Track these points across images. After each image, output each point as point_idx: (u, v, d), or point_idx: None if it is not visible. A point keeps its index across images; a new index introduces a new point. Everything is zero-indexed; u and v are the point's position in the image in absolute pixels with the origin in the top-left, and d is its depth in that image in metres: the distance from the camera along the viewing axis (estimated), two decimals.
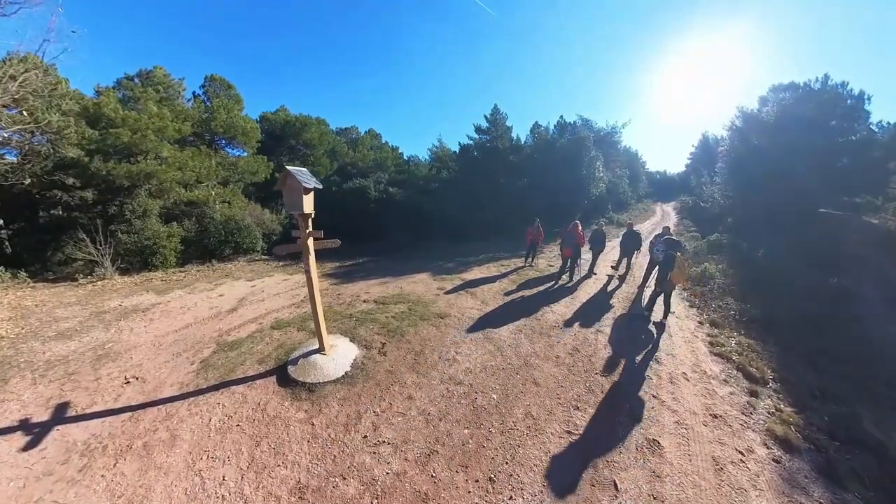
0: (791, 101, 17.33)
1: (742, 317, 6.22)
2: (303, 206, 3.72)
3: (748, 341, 5.34)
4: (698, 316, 6.42)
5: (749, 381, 4.34)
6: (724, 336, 5.56)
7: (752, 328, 5.79)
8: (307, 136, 18.64)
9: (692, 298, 7.32)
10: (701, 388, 4.19)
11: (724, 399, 3.99)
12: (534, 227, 9.46)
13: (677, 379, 4.34)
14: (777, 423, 3.60)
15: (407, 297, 7.35)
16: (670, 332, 5.67)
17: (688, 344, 5.27)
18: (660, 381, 4.30)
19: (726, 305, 6.80)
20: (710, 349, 5.12)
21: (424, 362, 4.49)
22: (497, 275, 8.93)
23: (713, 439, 3.36)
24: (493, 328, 5.69)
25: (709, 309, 6.69)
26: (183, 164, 14.36)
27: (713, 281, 8.08)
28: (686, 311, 6.69)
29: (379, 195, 15.45)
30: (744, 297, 7.10)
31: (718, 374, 4.48)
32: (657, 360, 4.79)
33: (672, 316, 6.23)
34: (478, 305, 6.74)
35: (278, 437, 3.16)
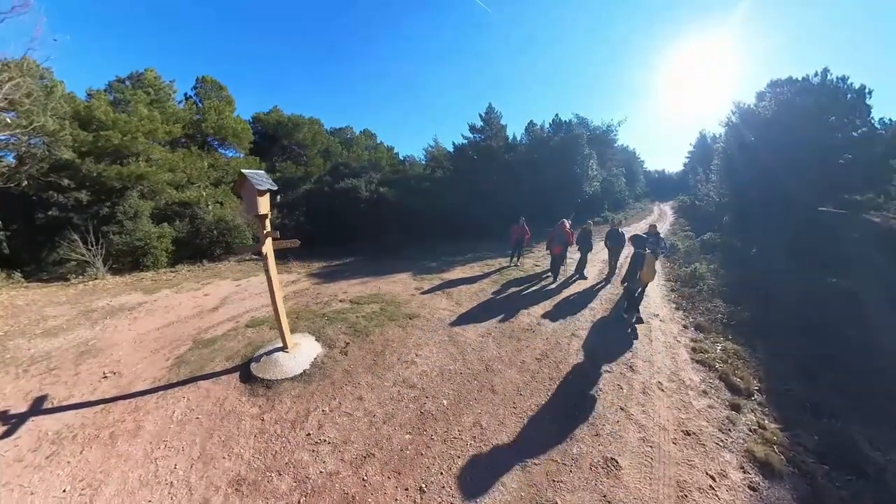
0: (789, 95, 16.83)
1: (731, 320, 5.77)
2: (258, 207, 3.77)
3: (735, 347, 4.91)
4: (684, 319, 5.96)
5: (732, 393, 3.92)
6: (710, 341, 5.13)
7: (741, 333, 5.35)
8: (299, 136, 18.50)
9: (679, 300, 6.86)
10: (676, 400, 3.79)
11: (700, 413, 3.58)
12: (519, 226, 9.15)
13: (651, 389, 3.95)
14: (758, 442, 3.18)
15: (382, 297, 7.21)
16: (651, 336, 5.26)
17: (668, 350, 4.87)
18: (631, 391, 3.91)
19: (715, 308, 6.34)
20: (692, 356, 4.71)
21: (382, 363, 4.43)
22: (479, 275, 8.60)
23: (682, 460, 2.98)
24: (461, 330, 5.43)
25: (696, 311, 6.25)
26: (174, 166, 14.29)
27: (703, 282, 7.63)
28: (671, 313, 6.25)
29: (370, 195, 15.25)
30: (735, 299, 6.67)
31: (698, 385, 4.05)
32: (632, 367, 4.40)
33: (655, 319, 5.85)
34: (451, 306, 6.47)
35: (230, 430, 3.26)
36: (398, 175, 19.62)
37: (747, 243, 12.04)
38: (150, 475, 2.79)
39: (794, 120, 16.25)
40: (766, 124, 16.82)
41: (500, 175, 19.39)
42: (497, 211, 18.35)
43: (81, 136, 12.79)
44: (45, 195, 13.42)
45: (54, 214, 13.45)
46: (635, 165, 35.14)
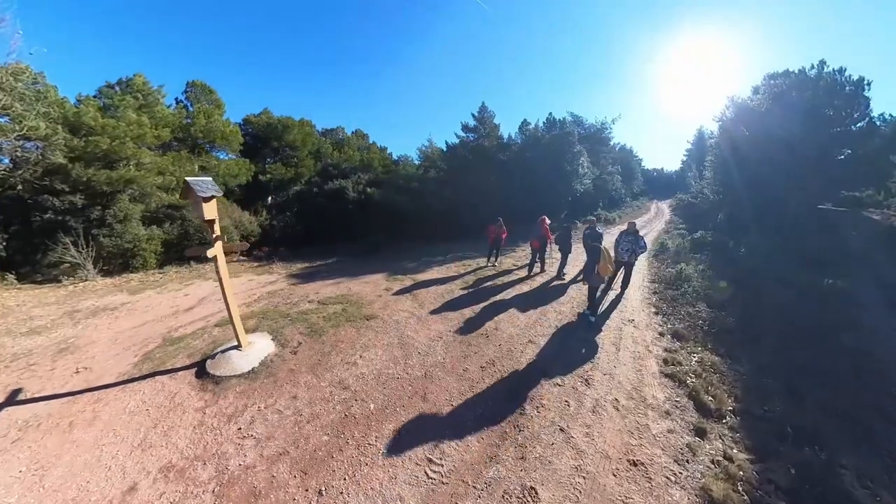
0: (784, 88, 16.41)
1: (713, 327, 5.22)
2: (204, 213, 3.96)
3: (713, 359, 4.38)
4: (661, 325, 5.42)
5: (700, 415, 3.40)
6: (686, 352, 4.59)
7: (723, 341, 4.83)
8: (289, 137, 18.53)
9: (660, 304, 6.30)
10: (631, 421, 3.29)
11: (656, 439, 3.07)
12: (496, 226, 8.83)
13: (603, 407, 3.46)
14: (719, 477, 2.66)
15: (349, 298, 7.17)
16: (619, 344, 4.75)
17: (636, 361, 4.35)
18: (579, 408, 3.44)
19: (697, 313, 5.81)
20: (661, 368, 4.19)
21: (326, 363, 4.47)
22: (453, 276, 8.27)
23: (617, 497, 2.50)
24: (413, 333, 5.20)
25: (676, 316, 5.71)
26: (164, 169, 14.44)
27: (688, 284, 7.10)
28: (649, 318, 5.71)
29: (357, 196, 15.27)
30: (721, 303, 6.15)
31: (661, 404, 3.54)
32: (588, 380, 3.90)
33: (629, 325, 5.35)
34: (413, 308, 6.22)
35: (173, 421, 3.46)
36: (389, 175, 19.69)
37: (740, 242, 11.79)
38: (94, 459, 3.02)
39: (790, 114, 15.74)
40: (761, 118, 16.36)
41: (492, 175, 19.23)
42: (488, 211, 18.25)
43: (74, 141, 13.07)
44: (40, 198, 13.78)
45: (50, 217, 13.79)
46: (632, 163, 34.66)
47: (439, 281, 7.89)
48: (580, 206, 19.03)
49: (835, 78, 16.08)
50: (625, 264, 6.62)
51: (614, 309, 6.08)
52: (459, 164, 19.62)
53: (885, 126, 16.66)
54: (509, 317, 5.76)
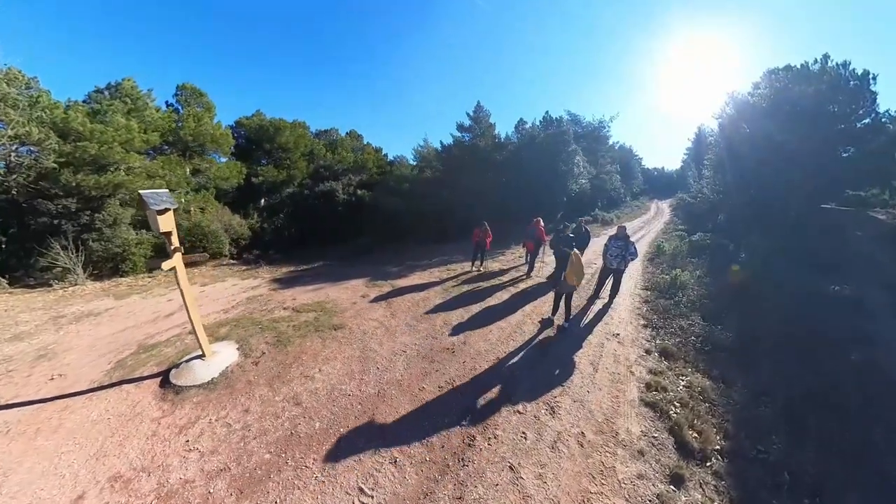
0: (786, 83, 15.93)
1: (707, 344, 4.70)
2: (159, 226, 3.98)
3: (704, 383, 3.89)
4: (649, 341, 4.92)
5: (679, 455, 2.91)
6: (673, 374, 4.08)
7: (718, 361, 4.34)
8: (282, 139, 18.40)
9: (650, 315, 5.78)
10: (595, 462, 2.83)
11: (622, 485, 2.63)
12: (481, 230, 8.48)
13: (565, 443, 3.02)
14: None
15: (324, 305, 7.06)
16: (598, 364, 4.28)
17: (614, 385, 3.87)
18: (537, 443, 3.01)
19: (690, 326, 5.30)
20: (642, 395, 3.69)
21: (285, 376, 4.37)
22: (434, 281, 7.97)
23: None
24: (378, 346, 4.96)
25: (667, 330, 5.21)
26: (154, 173, 14.47)
27: (683, 292, 6.61)
28: (636, 332, 5.20)
29: (348, 198, 15.15)
30: (717, 314, 5.65)
31: (635, 440, 3.07)
32: (554, 409, 3.45)
33: (613, 340, 4.89)
34: (385, 317, 5.98)
35: (130, 431, 3.48)
36: (383, 177, 19.58)
37: (740, 245, 11.41)
38: (52, 467, 3.06)
39: (791, 110, 15.20)
40: (762, 115, 15.84)
41: (488, 175, 18.95)
42: (483, 212, 18.02)
43: (62, 146, 13.14)
44: (35, 203, 13.90)
45: (45, 221, 13.92)
46: (632, 163, 34.10)
47: (419, 287, 7.72)
48: (577, 206, 18.71)
49: (839, 72, 15.44)
50: (613, 272, 6.15)
51: (599, 321, 5.62)
52: (454, 165, 19.35)
53: (890, 123, 16.12)
54: (482, 329, 5.38)
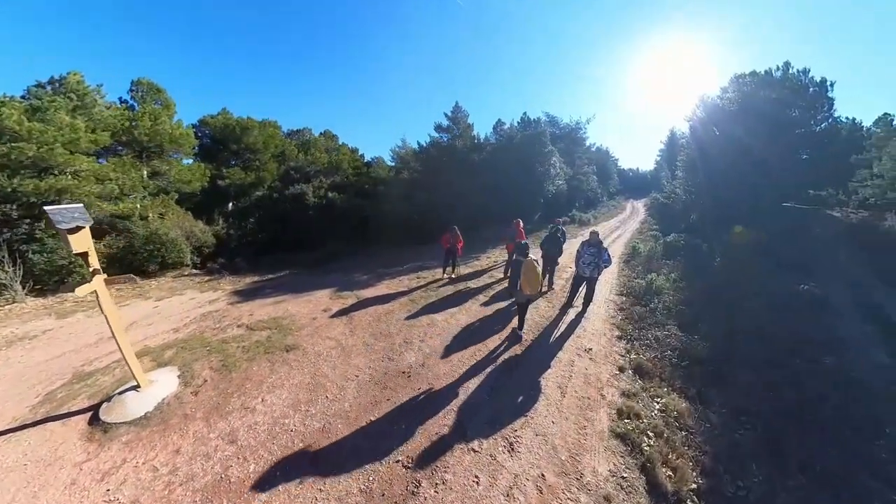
0: (752, 88, 16.42)
1: (683, 358, 4.37)
2: (71, 246, 3.63)
3: (681, 406, 3.53)
4: (623, 355, 4.55)
5: (651, 500, 2.55)
6: (648, 395, 3.71)
7: (695, 377, 4.02)
8: (249, 139, 17.33)
9: (625, 325, 5.43)
10: None
11: None
12: (451, 234, 7.97)
13: (521, 488, 2.62)
14: None
15: (282, 321, 6.46)
16: (567, 386, 3.85)
17: (583, 413, 3.44)
18: (490, 489, 2.61)
19: (667, 337, 4.97)
20: (613, 424, 3.29)
21: (225, 408, 3.91)
22: (403, 290, 7.45)
23: None
24: (330, 369, 4.49)
25: (642, 342, 4.86)
26: (103, 177, 13.33)
27: (659, 297, 6.32)
28: (610, 345, 4.82)
29: (318, 201, 14.39)
30: (694, 321, 5.37)
31: (602, 482, 2.68)
32: (513, 444, 3.03)
33: (585, 356, 4.46)
34: (342, 335, 5.46)
35: (47, 479, 3.12)
36: (358, 178, 18.91)
37: (713, 245, 11.47)
38: None
39: (757, 114, 15.69)
40: (730, 118, 16.25)
41: (465, 176, 18.56)
42: (462, 213, 17.69)
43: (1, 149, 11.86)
44: None
45: None
46: (608, 164, 34.80)
47: (384, 298, 7.20)
48: (554, 207, 18.61)
49: (799, 79, 16.14)
50: (587, 280, 5.77)
51: (572, 333, 5.22)
52: (432, 166, 18.93)
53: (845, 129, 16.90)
54: (444, 348, 4.89)
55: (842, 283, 10.02)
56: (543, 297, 6.58)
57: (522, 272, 4.46)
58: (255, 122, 17.83)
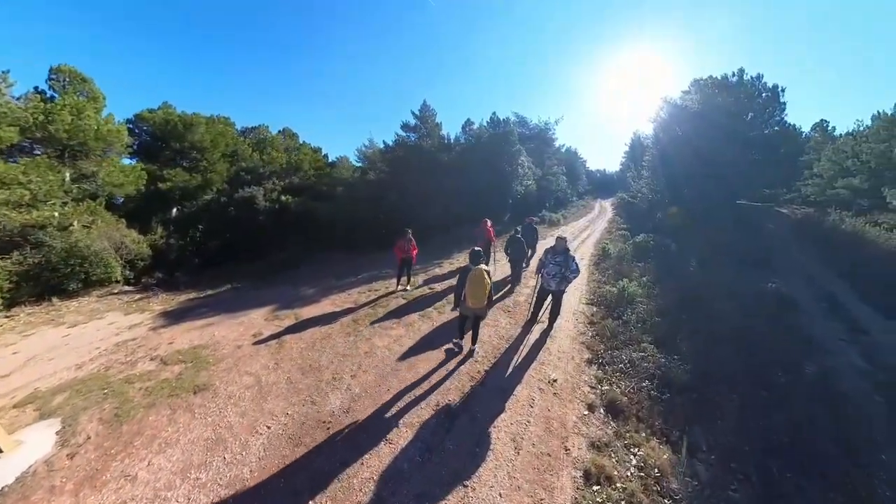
0: (711, 91, 16.74)
1: (663, 388, 3.68)
2: None
3: (662, 459, 2.82)
4: (595, 386, 3.81)
5: None
6: (623, 446, 2.97)
7: (677, 411, 3.37)
8: (195, 137, 15.47)
9: (595, 344, 4.73)
10: None
11: None
12: (404, 240, 7.06)
13: None
14: None
15: (202, 351, 5.35)
16: (522, 439, 3.04)
17: (542, 478, 2.67)
18: None
19: (643, 360, 4.22)
20: (579, 495, 2.54)
21: (101, 478, 3.09)
22: (350, 307, 6.49)
23: None
24: (239, 417, 3.64)
25: (615, 368, 4.13)
26: (10, 181, 11.38)
27: (632, 307, 5.70)
28: (578, 372, 4.07)
29: (270, 205, 13.07)
30: (672, 337, 4.77)
31: None
32: None
33: (548, 390, 3.66)
34: (265, 369, 4.52)
35: None
36: (320, 179, 17.59)
37: (681, 243, 11.27)
38: None
39: (715, 116, 16.11)
40: (691, 119, 16.49)
41: (434, 177, 17.72)
42: (431, 214, 16.85)
43: None
44: None
45: None
46: (577, 164, 35.33)
47: (326, 318, 6.16)
48: (524, 207, 18.13)
49: (753, 84, 16.72)
50: (552, 293, 4.95)
51: (535, 358, 4.40)
52: (399, 167, 18.00)
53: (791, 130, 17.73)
54: (378, 385, 3.97)
55: (800, 277, 10.13)
56: (506, 313, 5.80)
57: (467, 282, 3.76)
58: (201, 117, 16.05)
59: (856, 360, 5.14)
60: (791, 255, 13.10)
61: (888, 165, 17.96)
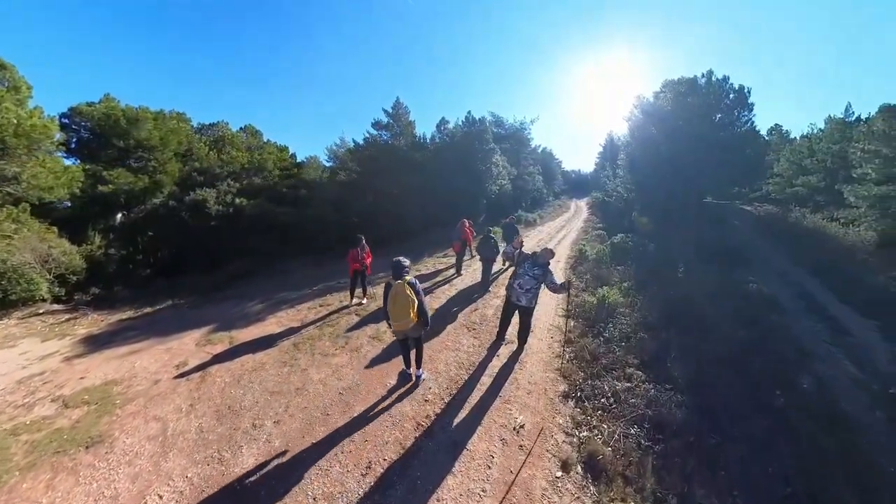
0: (681, 93, 16.77)
1: (655, 431, 2.99)
2: None
3: None
4: (571, 432, 3.07)
5: None
6: None
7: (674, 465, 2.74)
8: (141, 134, 13.80)
9: (573, 371, 3.95)
10: None
11: None
12: (358, 249, 6.19)
13: None
14: None
15: (113, 387, 4.29)
16: None
17: None
18: None
19: (630, 393, 3.50)
20: None
21: None
22: (295, 327, 5.60)
23: None
24: (129, 485, 2.81)
25: (596, 403, 3.39)
26: None
27: (615, 320, 5.04)
28: (552, 412, 3.33)
29: (224, 209, 11.79)
30: (661, 358, 4.13)
31: None
32: None
33: (512, 441, 2.93)
34: (177, 413, 3.70)
35: None
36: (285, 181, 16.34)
37: (658, 243, 10.94)
38: None
39: (686, 116, 16.14)
40: (664, 119, 16.50)
41: (407, 176, 16.97)
42: (405, 216, 16.01)
43: None
44: None
45: None
46: (552, 165, 35.47)
47: (264, 343, 5.15)
48: (500, 207, 17.59)
49: (721, 86, 16.93)
50: (520, 310, 4.15)
51: (498, 392, 3.57)
52: (370, 167, 17.05)
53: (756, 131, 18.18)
54: (304, 434, 3.15)
55: (774, 273, 10.08)
56: (469, 332, 5.07)
57: (388, 300, 3.28)
58: (148, 112, 14.43)
59: (847, 367, 4.86)
60: (762, 251, 13.21)
61: (842, 164, 18.70)
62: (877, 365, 4.95)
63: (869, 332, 6.15)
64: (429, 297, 6.63)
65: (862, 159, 12.78)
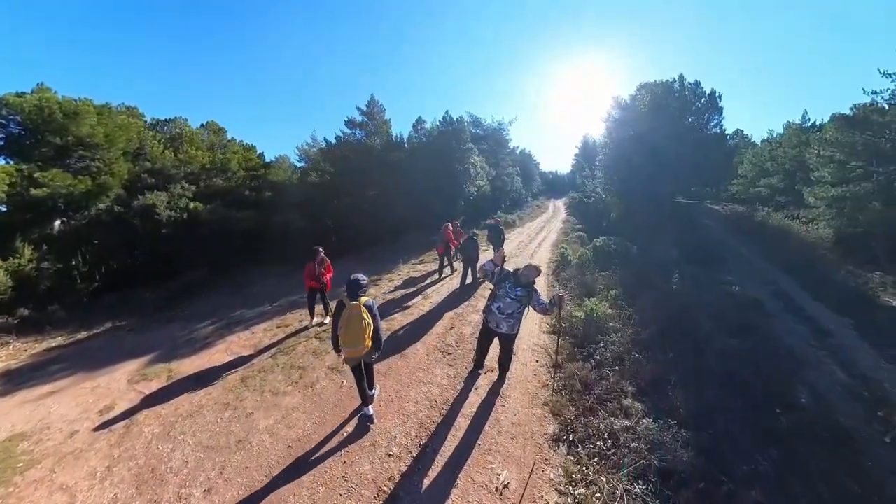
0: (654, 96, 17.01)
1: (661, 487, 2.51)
2: None
3: None
4: (565, 488, 2.57)
5: None
6: None
7: None
8: (82, 130, 12.21)
9: (562, 405, 3.42)
10: None
11: None
12: (315, 263, 5.45)
13: None
14: None
15: (18, 445, 3.49)
16: None
17: None
18: None
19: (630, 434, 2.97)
20: None
21: None
22: (246, 355, 4.83)
23: None
24: None
25: (590, 448, 2.89)
26: None
27: (606, 337, 4.57)
28: (541, 461, 2.83)
29: (177, 215, 10.59)
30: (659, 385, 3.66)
31: None
32: None
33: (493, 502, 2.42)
34: (89, 480, 2.96)
35: None
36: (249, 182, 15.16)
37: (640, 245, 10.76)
38: None
39: (662, 117, 16.39)
40: (640, 119, 16.67)
41: (383, 177, 16.19)
42: (379, 219, 15.26)
43: None
44: None
45: None
46: (531, 166, 35.74)
47: (207, 377, 4.36)
48: (479, 208, 17.19)
49: (693, 90, 17.35)
50: (500, 337, 3.56)
51: (477, 437, 3.04)
52: (344, 167, 16.16)
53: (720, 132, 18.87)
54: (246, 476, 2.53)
55: (750, 272, 10.21)
56: (444, 357, 4.52)
57: (340, 323, 2.90)
58: (90, 105, 12.85)
59: (837, 373, 4.79)
60: (735, 249, 13.52)
61: (799, 167, 19.67)
62: (861, 368, 4.92)
63: (846, 331, 6.23)
64: (400, 313, 6.00)
65: (818, 163, 13.47)
